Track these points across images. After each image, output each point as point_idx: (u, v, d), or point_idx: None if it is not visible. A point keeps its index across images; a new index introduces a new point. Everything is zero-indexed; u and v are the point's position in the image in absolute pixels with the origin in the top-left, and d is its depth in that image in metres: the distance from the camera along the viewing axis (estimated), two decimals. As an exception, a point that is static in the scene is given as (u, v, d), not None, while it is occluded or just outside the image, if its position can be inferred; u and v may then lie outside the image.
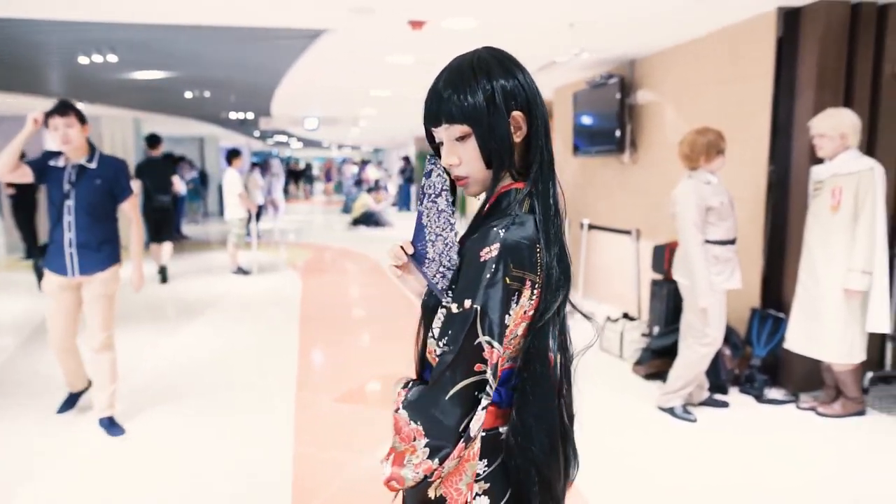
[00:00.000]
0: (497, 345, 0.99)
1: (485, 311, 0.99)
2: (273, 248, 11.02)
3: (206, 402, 3.87)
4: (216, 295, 7.04)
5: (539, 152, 1.09)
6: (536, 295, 1.04)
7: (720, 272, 3.39)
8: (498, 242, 1.01)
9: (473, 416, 1.00)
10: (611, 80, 5.63)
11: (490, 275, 1.00)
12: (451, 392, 0.99)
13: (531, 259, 1.03)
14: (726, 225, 3.41)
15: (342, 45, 5.16)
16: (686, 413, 3.58)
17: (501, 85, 1.05)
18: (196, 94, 8.23)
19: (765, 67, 4.01)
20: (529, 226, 1.05)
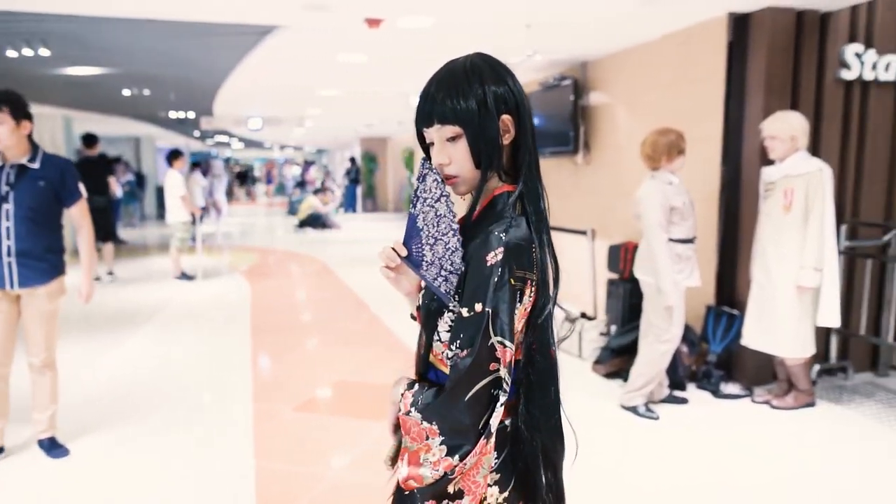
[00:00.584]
0: (509, 344, 1.04)
1: (496, 313, 1.04)
2: (217, 252, 10.65)
3: (156, 417, 3.67)
4: (159, 302, 6.73)
5: (527, 154, 1.14)
6: (534, 292, 1.09)
7: (681, 270, 3.46)
8: (501, 246, 1.05)
9: (492, 413, 1.05)
10: (563, 82, 5.68)
11: (497, 278, 1.04)
12: (471, 393, 1.04)
13: (530, 259, 1.08)
14: (687, 224, 3.48)
15: (293, 42, 5.01)
16: (649, 411, 3.62)
17: (493, 90, 1.10)
18: (134, 91, 7.85)
19: (716, 71, 4.11)
20: (524, 227, 1.09)
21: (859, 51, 3.97)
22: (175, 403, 3.88)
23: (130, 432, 3.45)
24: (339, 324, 5.97)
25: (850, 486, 2.87)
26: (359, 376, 4.41)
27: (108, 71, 6.63)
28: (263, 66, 6.17)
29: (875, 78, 4.04)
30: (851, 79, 4.01)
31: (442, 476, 1.05)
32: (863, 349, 4.35)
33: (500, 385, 1.05)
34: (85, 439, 3.34)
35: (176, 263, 7.90)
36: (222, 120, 11.04)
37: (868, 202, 4.21)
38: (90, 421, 3.57)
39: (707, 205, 4.21)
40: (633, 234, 4.98)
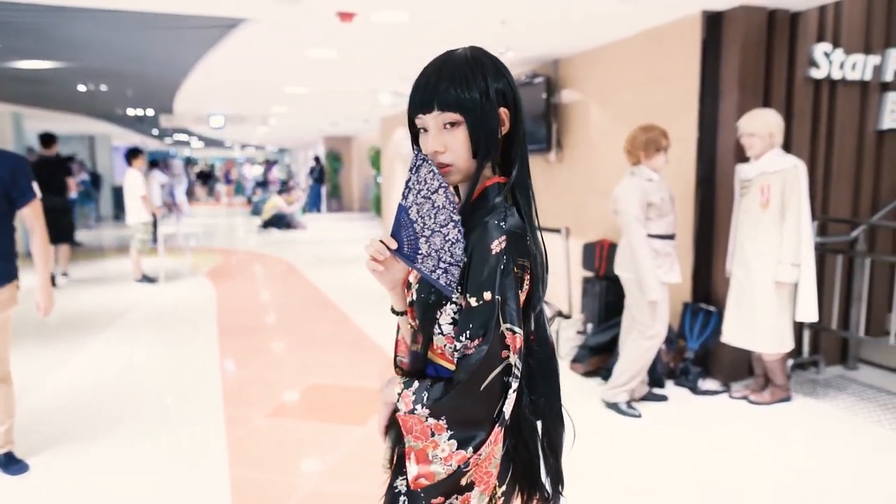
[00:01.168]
0: (518, 330, 1.05)
1: (505, 300, 1.05)
2: (179, 254, 10.34)
3: (122, 427, 3.49)
4: (121, 306, 6.46)
5: (521, 149, 1.17)
6: (528, 280, 1.12)
7: (660, 266, 3.45)
8: (504, 234, 1.07)
9: (506, 401, 1.05)
10: (536, 80, 5.65)
11: (503, 266, 1.05)
12: (485, 384, 1.03)
13: (525, 247, 1.10)
14: (666, 220, 3.47)
15: (261, 36, 4.85)
16: (630, 408, 3.61)
17: (494, 82, 1.12)
18: (90, 87, 7.54)
19: (690, 68, 4.13)
20: (517, 217, 1.12)
21: (828, 50, 4.04)
22: (142, 412, 3.70)
23: (95, 444, 3.27)
24: (308, 325, 5.83)
25: (835, 481, 2.89)
26: (331, 379, 4.30)
27: (61, 65, 6.34)
28: (228, 62, 5.98)
29: (843, 77, 4.11)
30: (820, 77, 4.07)
31: (455, 470, 1.04)
32: (832, 343, 4.43)
33: (510, 372, 1.05)
34: (46, 453, 3.15)
35: (137, 265, 7.62)
36: (183, 118, 10.72)
37: (836, 199, 4.29)
38: (51, 433, 3.38)
39: (682, 202, 4.23)
40: (607, 232, 4.99)
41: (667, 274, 3.48)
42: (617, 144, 4.91)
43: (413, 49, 5.35)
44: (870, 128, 4.33)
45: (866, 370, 4.36)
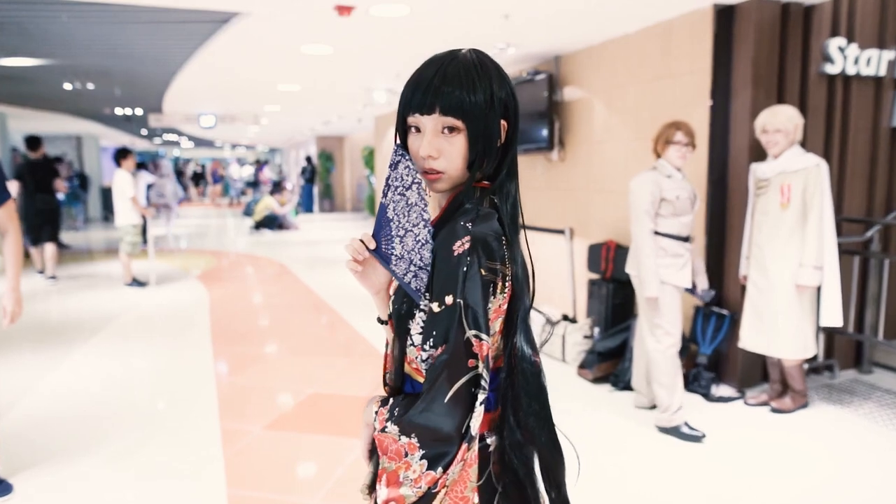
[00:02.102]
0: (485, 337, 0.98)
1: (468, 304, 0.98)
2: (170, 256, 10.12)
3: (112, 442, 3.31)
4: (110, 312, 6.26)
5: (512, 160, 1.12)
6: (508, 288, 1.04)
7: (668, 265, 3.28)
8: (468, 235, 1.00)
9: (473, 415, 0.97)
10: (538, 77, 5.51)
11: (466, 267, 0.99)
12: (450, 394, 0.97)
13: (500, 251, 1.03)
14: (681, 221, 3.31)
15: (255, 32, 4.68)
16: (692, 430, 3.28)
17: (498, 90, 1.06)
18: (77, 86, 7.32)
19: (701, 64, 4.00)
20: (494, 219, 1.05)
21: (842, 45, 3.92)
22: (133, 425, 3.53)
23: (84, 461, 3.09)
24: (304, 329, 5.66)
25: (862, 489, 2.77)
26: (332, 388, 4.14)
27: (46, 62, 6.13)
28: (220, 59, 5.80)
29: (857, 72, 3.99)
30: (834, 73, 3.95)
31: (425, 493, 0.97)
32: (846, 346, 4.31)
33: (478, 383, 0.98)
34: (31, 472, 2.97)
35: (127, 269, 7.41)
36: (172, 117, 10.49)
37: (850, 198, 4.17)
38: (37, 450, 3.20)
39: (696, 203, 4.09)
40: (613, 233, 4.85)
41: (674, 275, 3.29)
42: (622, 143, 4.78)
43: (411, 45, 5.19)
44: (884, 125, 4.22)
45: (881, 374, 4.25)
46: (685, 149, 3.30)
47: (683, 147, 3.29)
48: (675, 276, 3.31)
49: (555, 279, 5.73)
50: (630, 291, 4.68)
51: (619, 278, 4.65)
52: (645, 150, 4.54)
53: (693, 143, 3.32)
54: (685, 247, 3.37)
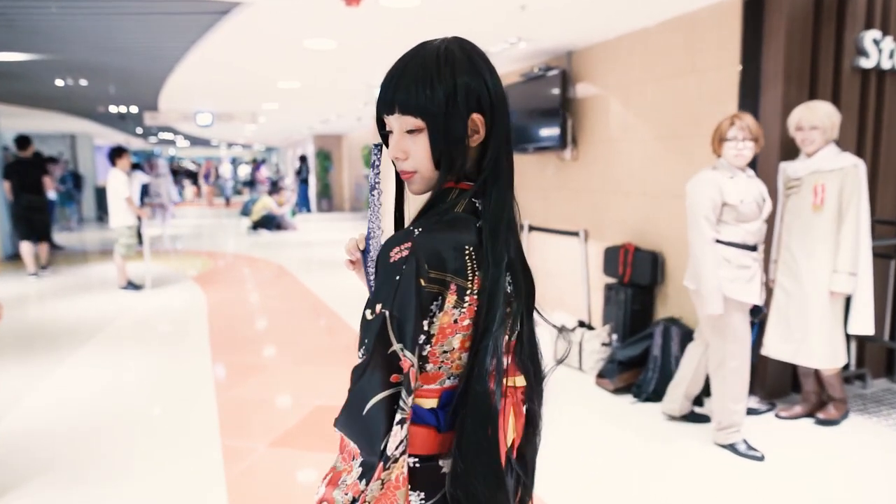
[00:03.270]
0: (409, 354, 0.92)
1: (394, 315, 0.92)
2: (165, 258, 9.88)
3: (105, 462, 3.09)
4: (104, 316, 6.03)
5: (494, 159, 1.01)
6: (471, 302, 0.96)
7: (733, 278, 2.93)
8: (410, 241, 0.94)
9: (391, 435, 0.91)
10: (550, 73, 5.30)
11: (400, 276, 0.92)
12: (368, 406, 0.92)
13: (457, 262, 0.95)
14: (746, 228, 2.95)
15: (256, 24, 4.46)
16: (751, 450, 3.04)
17: (465, 82, 0.98)
18: (69, 82, 7.07)
19: (728, 59, 3.80)
20: (462, 226, 0.98)
21: (877, 37, 3.72)
22: (128, 443, 3.31)
23: (74, 483, 2.87)
24: (306, 335, 5.44)
25: (914, 517, 2.57)
26: (339, 399, 3.85)
27: (37, 57, 5.89)
28: (219, 54, 5.57)
29: (893, 66, 3.80)
30: (869, 67, 3.75)
31: (351, 502, 0.92)
32: (878, 354, 4.12)
33: (398, 403, 0.92)
34: (16, 494, 2.75)
35: (121, 271, 7.17)
36: (168, 115, 10.24)
37: (883, 198, 3.98)
38: (23, 470, 2.98)
39: (719, 203, 3.89)
40: (632, 235, 4.65)
41: (740, 290, 2.93)
42: (640, 142, 4.57)
43: (418, 40, 4.97)
44: (918, 122, 4.02)
45: (914, 383, 4.06)
46: (743, 145, 2.92)
47: (741, 143, 2.92)
48: (741, 290, 2.93)
49: (567, 282, 5.53)
50: (649, 296, 4.49)
51: (637, 282, 4.46)
52: (665, 150, 4.34)
53: (755, 138, 2.94)
54: (753, 257, 2.98)
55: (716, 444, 3.16)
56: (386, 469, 0.92)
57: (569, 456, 3.11)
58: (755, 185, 3.01)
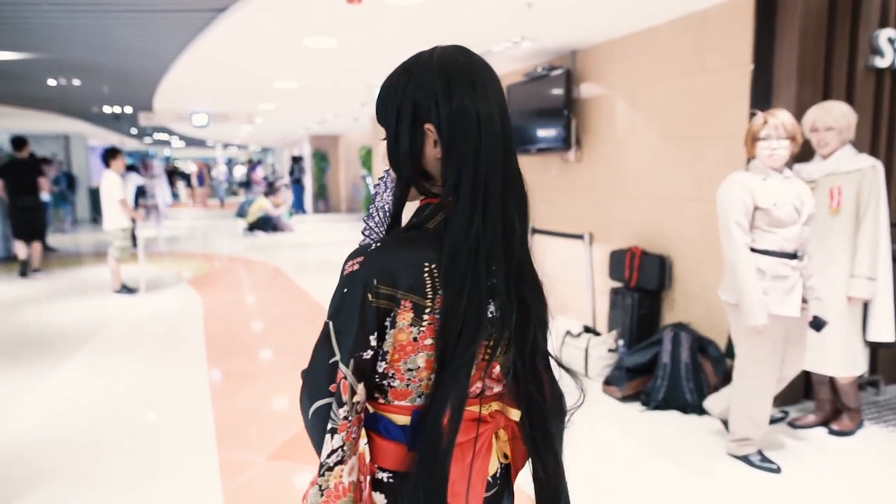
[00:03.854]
0: (343, 367, 0.94)
1: (336, 327, 0.95)
2: (160, 260, 9.75)
3: (97, 475, 2.98)
4: (97, 322, 5.90)
5: (457, 173, 0.96)
6: (431, 321, 0.95)
7: (769, 290, 2.71)
8: (363, 256, 0.96)
9: (323, 445, 0.94)
10: (554, 72, 5.20)
11: (347, 289, 0.95)
12: (311, 411, 0.97)
13: (412, 279, 0.94)
14: (783, 234, 2.72)
15: (255, 22, 4.35)
16: (765, 462, 2.92)
17: (418, 93, 0.97)
18: (62, 82, 6.94)
19: (740, 59, 3.70)
20: (423, 243, 0.97)
21: (892, 36, 3.63)
22: (121, 457, 3.19)
23: (66, 498, 2.75)
24: (306, 341, 5.29)
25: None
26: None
27: (29, 56, 5.76)
28: (215, 52, 5.45)
29: (907, 66, 3.71)
30: (883, 67, 3.66)
31: (308, 495, 0.95)
32: (891, 360, 4.03)
33: (330, 412, 0.95)
34: (4, 514, 2.63)
35: (115, 275, 7.04)
36: (163, 116, 10.11)
37: (896, 201, 3.89)
38: (10, 485, 2.85)
39: (730, 206, 3.80)
40: (639, 239, 4.55)
41: (776, 303, 2.71)
42: (647, 143, 4.48)
43: (420, 39, 4.88)
44: (933, 123, 3.94)
45: (928, 390, 3.97)
46: (777, 144, 2.68)
47: (775, 142, 2.69)
48: (777, 304, 2.72)
49: (570, 286, 5.43)
50: (656, 301, 4.39)
51: (644, 287, 4.36)
52: (673, 152, 4.24)
53: (791, 136, 2.72)
54: (791, 266, 2.73)
55: (729, 455, 3.06)
56: (321, 476, 0.93)
57: (576, 465, 3.00)
58: (793, 187, 2.76)
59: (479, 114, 0.95)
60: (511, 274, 0.99)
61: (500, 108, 0.98)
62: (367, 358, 0.94)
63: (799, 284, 2.74)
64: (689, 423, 3.51)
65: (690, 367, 3.69)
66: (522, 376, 1.03)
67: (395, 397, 0.99)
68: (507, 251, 0.98)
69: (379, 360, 0.96)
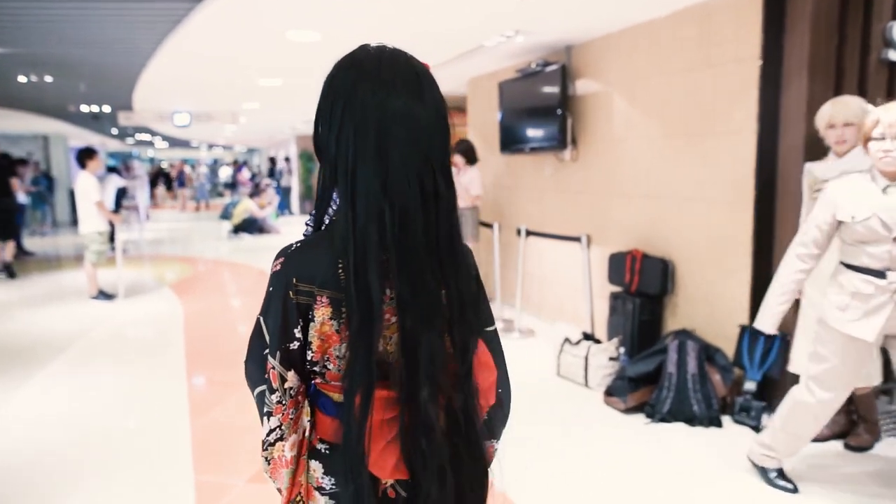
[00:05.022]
0: (271, 358, 1.02)
1: (265, 323, 1.02)
2: (141, 264, 9.45)
3: (62, 498, 2.73)
4: (73, 330, 5.62)
5: (332, 170, 1.03)
6: (344, 321, 1.00)
7: (843, 307, 2.45)
8: (284, 256, 1.03)
9: (263, 427, 1.04)
10: (548, 68, 5.00)
11: (272, 287, 1.02)
12: (254, 394, 1.06)
13: (327, 274, 1.00)
14: (869, 250, 2.39)
15: (234, 13, 4.10)
16: (781, 479, 2.74)
17: (328, 89, 1.04)
18: (32, 78, 6.63)
19: (748, 52, 3.52)
20: (336, 241, 1.00)
21: (906, 29, 3.46)
22: (90, 478, 2.94)
23: (23, 533, 2.51)
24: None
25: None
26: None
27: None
28: (194, 46, 5.20)
29: (920, 60, 3.55)
30: (896, 60, 3.50)
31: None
32: (902, 367, 3.87)
33: (264, 401, 1.05)
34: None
35: (92, 280, 6.75)
36: (143, 115, 9.81)
37: (909, 202, 3.73)
38: (-35, 517, 2.61)
39: (739, 208, 3.62)
40: (639, 241, 4.36)
41: (850, 323, 2.43)
42: (646, 141, 4.29)
43: (409, 33, 4.66)
44: (945, 120, 3.78)
45: (942, 398, 3.81)
46: (892, 145, 2.31)
47: (889, 143, 2.32)
48: (851, 323, 2.43)
49: (566, 290, 5.24)
50: (658, 306, 4.20)
51: (646, 291, 4.17)
52: (675, 150, 4.06)
53: None
54: (876, 285, 2.38)
55: (748, 459, 2.87)
56: (265, 450, 1.04)
57: (580, 481, 2.80)
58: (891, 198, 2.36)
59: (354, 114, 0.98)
60: (410, 265, 0.98)
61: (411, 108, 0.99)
62: (294, 349, 1.01)
63: (888, 307, 2.38)
64: (698, 436, 3.32)
65: (698, 377, 3.51)
66: (435, 358, 1.00)
67: (331, 378, 1.05)
68: (402, 245, 0.98)
69: (307, 350, 1.02)
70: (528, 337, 5.20)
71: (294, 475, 1.05)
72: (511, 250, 5.96)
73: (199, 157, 29.94)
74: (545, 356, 4.64)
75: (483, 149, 6.43)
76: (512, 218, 6.02)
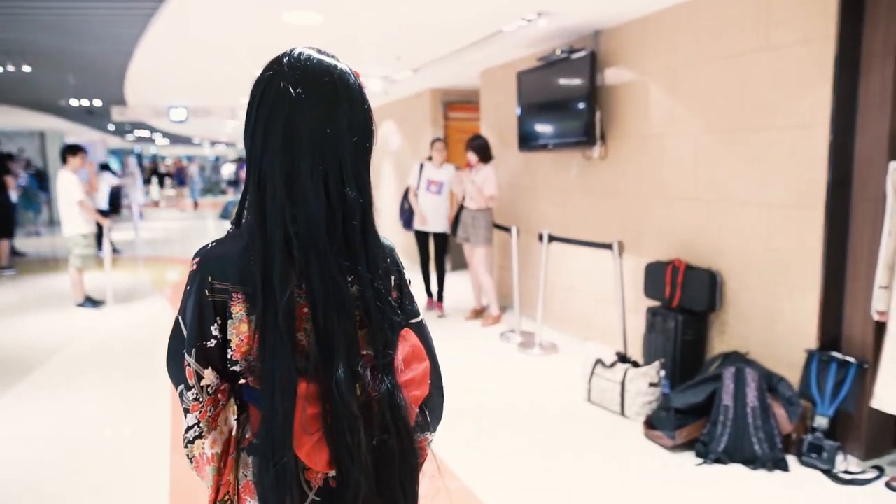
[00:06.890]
0: (188, 357, 1.02)
1: (182, 320, 1.03)
2: (133, 267, 8.99)
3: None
4: (54, 342, 5.14)
5: (248, 167, 1.05)
6: (260, 316, 1.00)
7: None
8: (199, 256, 1.02)
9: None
10: (575, 55, 4.50)
11: (189, 287, 1.02)
12: (178, 393, 1.04)
13: (242, 273, 1.00)
14: None
15: (223, -9, 3.62)
16: None
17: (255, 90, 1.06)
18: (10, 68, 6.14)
19: (820, 32, 3.01)
20: (244, 239, 1.02)
21: None
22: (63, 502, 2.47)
23: None
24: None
25: None
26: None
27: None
28: (180, 32, 4.72)
29: None
30: None
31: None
32: None
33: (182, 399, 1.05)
34: None
35: (77, 286, 6.29)
36: (138, 110, 9.35)
37: None
38: None
39: (806, 214, 3.12)
40: (682, 249, 3.86)
41: None
42: (689, 136, 3.79)
43: (419, 18, 4.17)
44: None
45: None
46: None
47: None
48: None
49: (594, 303, 4.74)
50: (703, 325, 3.70)
51: (690, 307, 3.67)
52: (724, 147, 3.56)
53: None
54: None
55: None
56: (186, 447, 1.05)
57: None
58: None
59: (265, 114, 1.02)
60: (318, 263, 0.99)
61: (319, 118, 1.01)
62: (212, 346, 1.01)
63: None
64: (759, 481, 2.83)
65: (759, 410, 3.01)
66: (350, 349, 1.01)
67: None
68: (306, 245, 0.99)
69: (227, 348, 1.02)
70: (551, 353, 4.70)
71: (220, 473, 1.06)
72: (528, 256, 5.47)
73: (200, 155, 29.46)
74: (570, 377, 4.15)
75: (498, 146, 5.94)
76: (530, 221, 5.52)
